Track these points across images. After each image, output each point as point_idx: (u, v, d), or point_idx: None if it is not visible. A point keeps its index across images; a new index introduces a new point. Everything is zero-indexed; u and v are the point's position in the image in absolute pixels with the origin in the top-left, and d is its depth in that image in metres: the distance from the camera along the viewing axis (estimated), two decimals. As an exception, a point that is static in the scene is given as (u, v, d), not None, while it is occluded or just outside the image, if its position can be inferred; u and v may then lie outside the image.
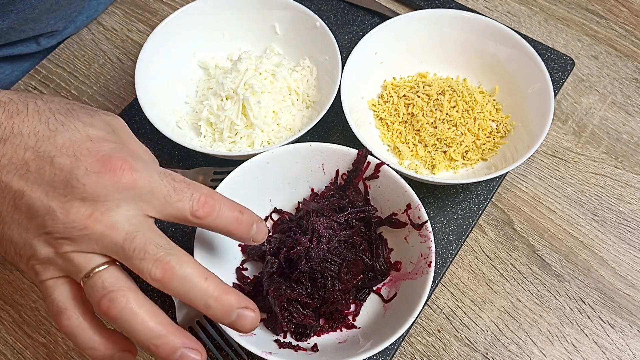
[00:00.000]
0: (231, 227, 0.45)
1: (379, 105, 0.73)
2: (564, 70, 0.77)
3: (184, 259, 0.41)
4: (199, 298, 0.41)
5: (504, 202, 0.69)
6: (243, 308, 0.42)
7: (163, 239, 0.42)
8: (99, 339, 0.42)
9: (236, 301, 0.42)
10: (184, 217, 0.43)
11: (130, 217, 0.41)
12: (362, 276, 0.60)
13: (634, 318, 0.62)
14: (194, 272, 0.41)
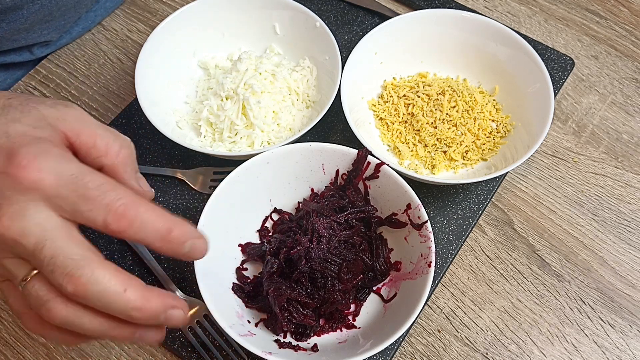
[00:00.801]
0: (156, 244, 0.39)
1: (379, 105, 0.73)
2: (564, 70, 0.77)
3: (97, 272, 0.36)
4: (121, 311, 0.37)
5: (504, 202, 0.69)
6: (170, 309, 0.39)
7: (76, 249, 0.37)
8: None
9: (161, 305, 0.38)
10: (97, 228, 0.38)
11: (41, 221, 0.36)
12: (362, 276, 0.60)
13: (634, 318, 0.62)
14: (110, 285, 0.36)
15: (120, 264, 0.64)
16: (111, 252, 0.65)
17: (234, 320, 0.55)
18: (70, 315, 0.37)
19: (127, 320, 0.38)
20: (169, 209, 0.68)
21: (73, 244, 0.37)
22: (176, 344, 0.60)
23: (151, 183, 0.69)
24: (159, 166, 0.71)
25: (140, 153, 0.72)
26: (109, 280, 0.37)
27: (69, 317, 0.37)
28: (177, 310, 0.39)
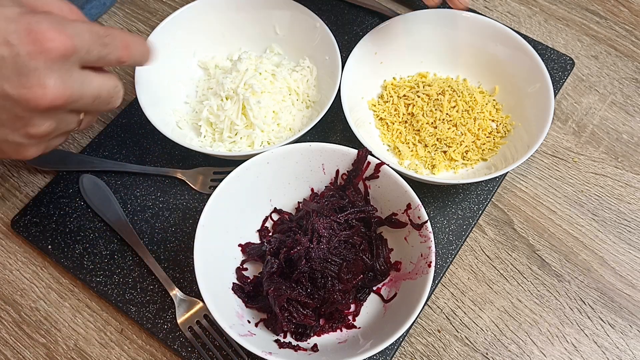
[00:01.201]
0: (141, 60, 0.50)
1: (379, 105, 0.73)
2: (564, 70, 0.77)
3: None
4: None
5: (504, 202, 0.69)
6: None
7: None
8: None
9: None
10: (112, 64, 0.47)
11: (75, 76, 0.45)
12: (362, 276, 0.60)
13: (634, 318, 0.62)
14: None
15: (121, 263, 0.64)
16: (111, 252, 0.65)
17: (234, 320, 0.55)
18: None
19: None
20: (169, 209, 0.68)
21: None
22: (176, 344, 0.60)
23: (151, 183, 0.70)
24: (159, 166, 0.71)
25: (140, 153, 0.72)
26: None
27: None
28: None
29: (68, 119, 0.47)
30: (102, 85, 0.46)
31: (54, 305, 0.64)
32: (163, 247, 0.65)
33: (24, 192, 0.71)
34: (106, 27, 0.46)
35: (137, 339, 0.62)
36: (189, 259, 0.59)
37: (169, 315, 0.61)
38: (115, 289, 0.63)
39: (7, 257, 0.67)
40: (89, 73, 0.45)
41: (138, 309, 0.62)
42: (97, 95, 0.46)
